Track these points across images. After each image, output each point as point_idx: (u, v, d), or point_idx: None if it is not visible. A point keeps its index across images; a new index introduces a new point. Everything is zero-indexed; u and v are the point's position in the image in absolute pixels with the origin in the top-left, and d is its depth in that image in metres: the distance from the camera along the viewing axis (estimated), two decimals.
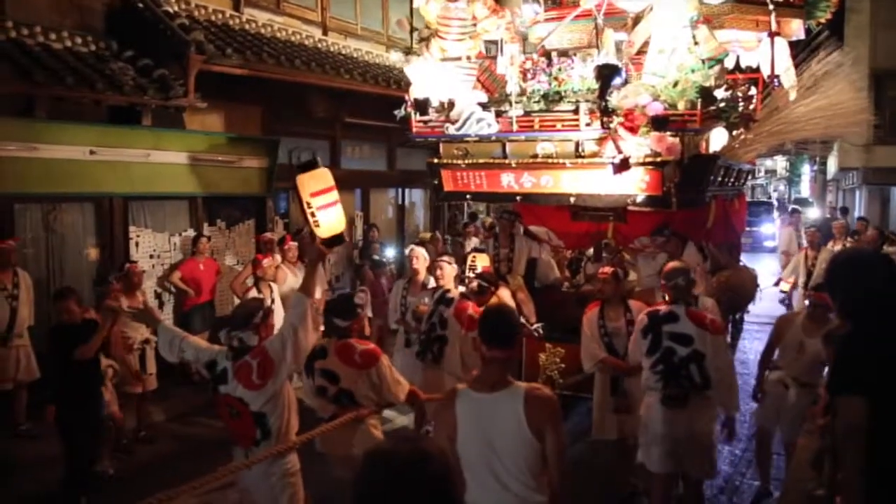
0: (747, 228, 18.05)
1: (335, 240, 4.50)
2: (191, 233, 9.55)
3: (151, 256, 9.23)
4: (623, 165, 5.72)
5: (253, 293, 7.81)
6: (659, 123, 5.75)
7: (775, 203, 32.79)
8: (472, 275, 7.58)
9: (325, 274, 10.31)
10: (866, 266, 3.02)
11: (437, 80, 6.48)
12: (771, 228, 25.14)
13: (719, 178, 7.32)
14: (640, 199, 6.18)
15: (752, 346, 11.12)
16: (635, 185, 6.13)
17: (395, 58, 6.82)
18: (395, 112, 6.83)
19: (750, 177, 9.53)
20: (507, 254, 7.86)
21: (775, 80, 7.01)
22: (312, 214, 4.30)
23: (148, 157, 8.58)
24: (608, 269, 6.08)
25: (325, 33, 13.02)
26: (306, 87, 10.86)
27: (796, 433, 5.83)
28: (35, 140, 7.49)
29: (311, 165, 4.34)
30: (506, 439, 3.10)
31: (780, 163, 41.16)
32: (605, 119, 5.78)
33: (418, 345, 6.42)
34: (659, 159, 5.90)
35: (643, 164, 5.96)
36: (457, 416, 3.16)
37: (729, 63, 7.53)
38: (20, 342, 7.14)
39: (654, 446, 5.06)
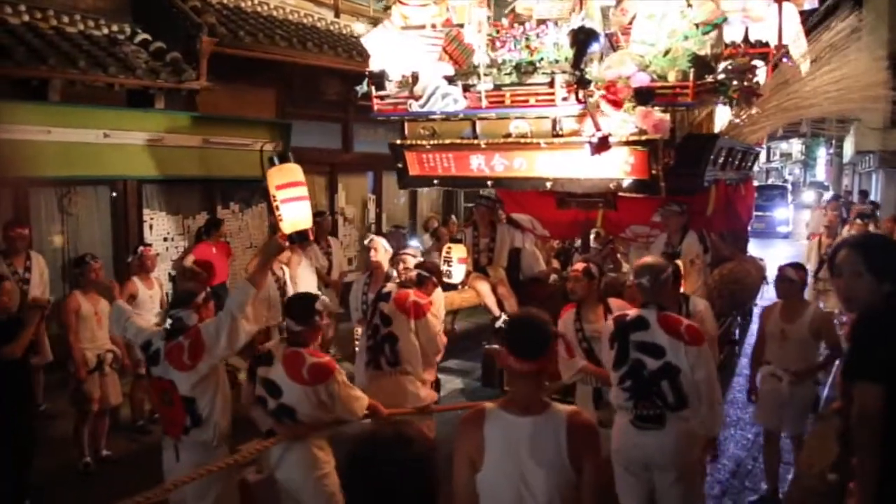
0: (760, 213, 16.93)
1: (300, 236, 4.11)
2: (204, 216, 9.17)
3: (165, 239, 8.89)
4: (602, 145, 4.70)
5: (268, 278, 7.12)
6: (643, 96, 4.71)
7: (789, 187, 31.20)
8: (446, 268, 6.64)
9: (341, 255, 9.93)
10: None
11: (399, 51, 5.48)
12: (785, 213, 23.73)
13: (721, 161, 6.29)
14: (624, 183, 5.15)
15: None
16: (619, 168, 5.10)
17: (360, 29, 5.79)
18: (357, 88, 5.84)
19: (757, 159, 8.41)
20: (488, 244, 6.88)
21: (783, 50, 5.94)
22: (277, 207, 4.01)
23: (161, 140, 8.24)
24: (579, 266, 5.09)
25: (336, 15, 12.40)
26: (319, 69, 10.31)
27: (801, 426, 5.38)
28: (49, 123, 7.17)
29: (283, 160, 4.08)
30: (541, 470, 2.60)
31: (795, 146, 39.31)
32: (580, 91, 4.75)
33: (366, 353, 5.43)
34: (644, 138, 4.86)
35: (627, 143, 4.93)
36: (485, 440, 2.65)
37: (737, 36, 6.54)
38: None
39: (627, 474, 4.10)
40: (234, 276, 9.00)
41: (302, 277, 8.12)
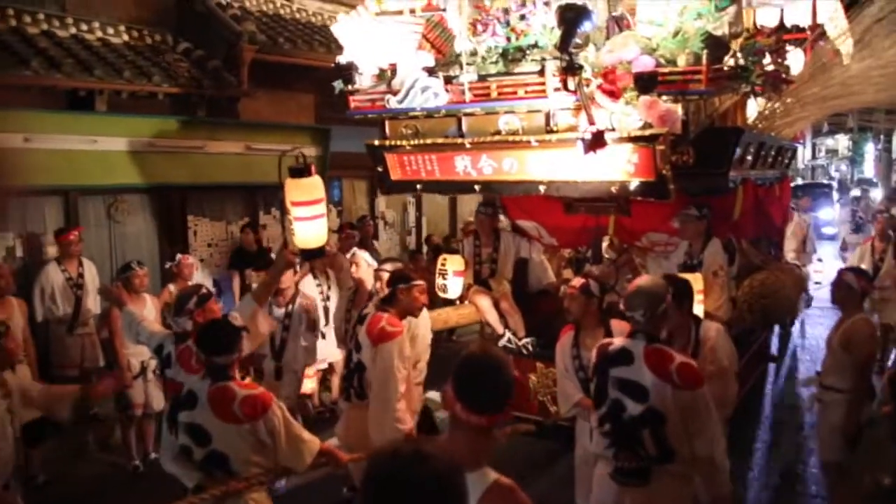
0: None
1: (314, 253, 3.98)
2: (246, 221, 9.07)
3: (209, 245, 8.90)
4: (596, 142, 3.85)
5: (309, 279, 6.66)
6: (644, 83, 3.85)
7: (835, 185, 29.39)
8: (441, 281, 5.86)
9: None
10: None
11: (374, 40, 4.71)
12: (830, 213, 22.10)
13: (749, 158, 5.40)
14: (628, 185, 4.29)
15: (814, 331, 9.68)
16: (621, 169, 4.24)
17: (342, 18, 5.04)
18: (334, 84, 5.10)
19: (795, 156, 7.42)
20: (490, 254, 6.04)
21: (818, 30, 5.02)
22: (290, 222, 3.87)
23: (204, 147, 8.26)
24: (577, 282, 4.28)
25: None
26: None
27: (826, 451, 4.66)
28: (96, 133, 7.28)
29: (301, 173, 3.83)
30: None
31: (841, 142, 37.26)
32: (570, 79, 3.91)
33: (343, 381, 4.67)
34: (649, 132, 4.00)
35: (629, 139, 4.07)
36: None
37: (771, 21, 5.64)
38: (85, 330, 6.73)
39: None
40: None
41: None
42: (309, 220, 3.78)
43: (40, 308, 6.50)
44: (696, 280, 4.65)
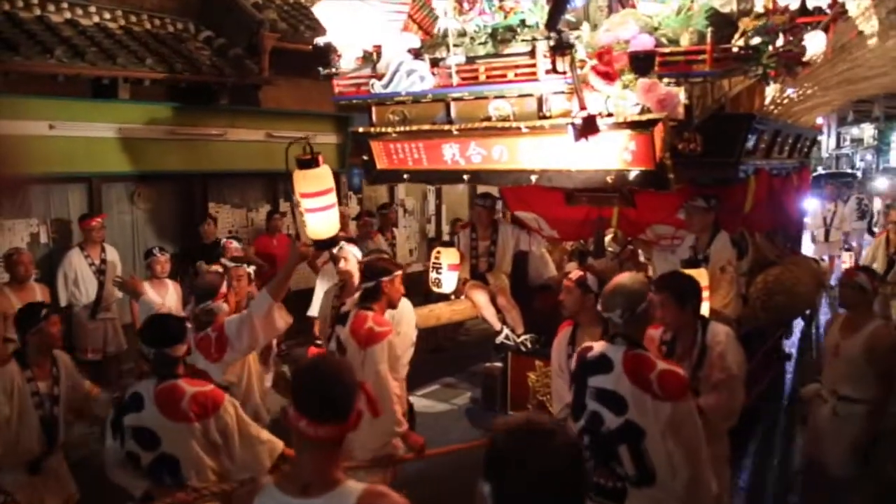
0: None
1: (326, 243, 3.85)
2: (267, 209, 9.04)
3: (230, 232, 8.65)
4: (588, 128, 3.45)
5: (329, 266, 6.12)
6: (641, 64, 3.44)
7: (859, 175, 28.36)
8: (434, 275, 5.49)
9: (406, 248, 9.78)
10: None
11: (357, 21, 4.33)
12: (853, 204, 21.31)
13: (763, 146, 4.96)
14: (624, 175, 3.88)
15: None
16: (618, 157, 3.83)
17: None
18: (320, 69, 4.74)
19: (814, 145, 6.92)
20: (488, 247, 5.66)
21: (837, 7, 4.55)
22: (301, 213, 3.75)
23: (225, 134, 8.22)
24: (574, 275, 3.90)
25: None
26: None
27: (845, 464, 4.13)
28: (119, 121, 7.27)
29: (308, 164, 3.64)
30: None
31: (867, 130, 36.01)
32: (559, 59, 3.50)
33: None
34: (646, 118, 3.59)
35: (625, 125, 3.66)
36: None
37: (793, 2, 5.15)
38: (108, 315, 6.72)
39: None
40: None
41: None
42: (321, 210, 3.63)
43: (63, 293, 6.45)
44: (700, 276, 4.24)
